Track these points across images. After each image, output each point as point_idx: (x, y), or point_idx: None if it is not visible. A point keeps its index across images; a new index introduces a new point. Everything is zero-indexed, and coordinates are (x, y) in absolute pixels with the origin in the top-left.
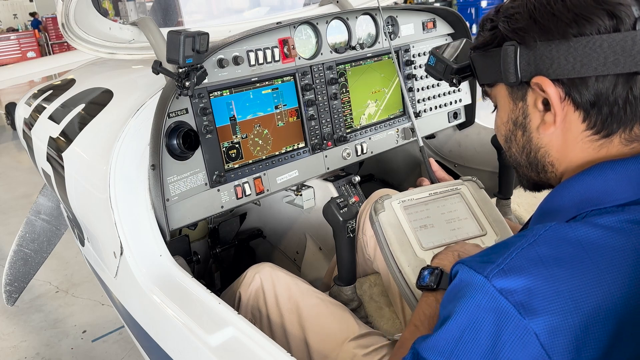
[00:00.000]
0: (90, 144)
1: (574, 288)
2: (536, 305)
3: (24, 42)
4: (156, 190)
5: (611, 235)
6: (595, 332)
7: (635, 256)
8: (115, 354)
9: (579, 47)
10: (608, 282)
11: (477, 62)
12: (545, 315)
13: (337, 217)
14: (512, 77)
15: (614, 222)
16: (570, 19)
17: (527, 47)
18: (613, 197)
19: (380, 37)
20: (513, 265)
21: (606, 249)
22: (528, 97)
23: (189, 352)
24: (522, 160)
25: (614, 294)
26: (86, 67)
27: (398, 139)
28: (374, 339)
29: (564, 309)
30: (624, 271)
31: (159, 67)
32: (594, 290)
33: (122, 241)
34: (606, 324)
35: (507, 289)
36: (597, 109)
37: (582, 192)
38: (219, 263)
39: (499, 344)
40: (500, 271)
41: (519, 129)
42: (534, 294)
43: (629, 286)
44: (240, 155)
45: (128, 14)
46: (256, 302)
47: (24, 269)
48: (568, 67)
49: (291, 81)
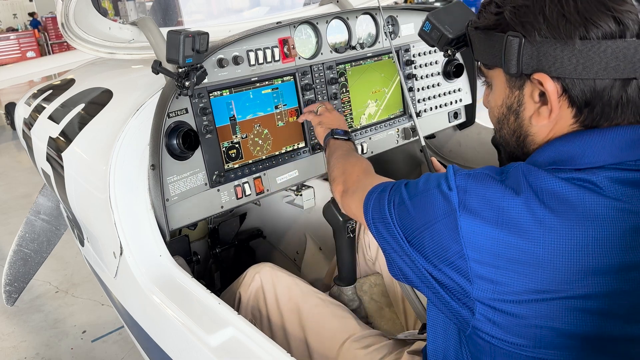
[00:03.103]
0: (89, 144)
1: (515, 211)
2: (475, 206)
3: (23, 42)
4: (156, 190)
5: (564, 184)
6: (515, 252)
7: (582, 208)
8: (115, 354)
9: (583, 50)
10: (549, 220)
11: (477, 41)
12: (476, 216)
13: (337, 217)
14: (513, 68)
15: (568, 178)
16: (579, 22)
17: (532, 41)
18: (575, 161)
19: (380, 36)
20: (478, 176)
21: (557, 194)
22: (525, 88)
23: (189, 352)
24: (512, 141)
25: (547, 232)
26: (86, 67)
27: (398, 139)
28: (374, 338)
29: (496, 220)
30: (568, 217)
31: (159, 67)
32: (531, 221)
33: (122, 241)
34: (530, 253)
35: (462, 187)
36: (590, 108)
37: (551, 155)
38: (219, 263)
39: (436, 221)
40: (466, 174)
41: (512, 115)
42: (480, 199)
43: (567, 231)
44: (240, 155)
45: (128, 13)
46: (256, 302)
47: (23, 269)
48: (570, 68)
49: (291, 81)
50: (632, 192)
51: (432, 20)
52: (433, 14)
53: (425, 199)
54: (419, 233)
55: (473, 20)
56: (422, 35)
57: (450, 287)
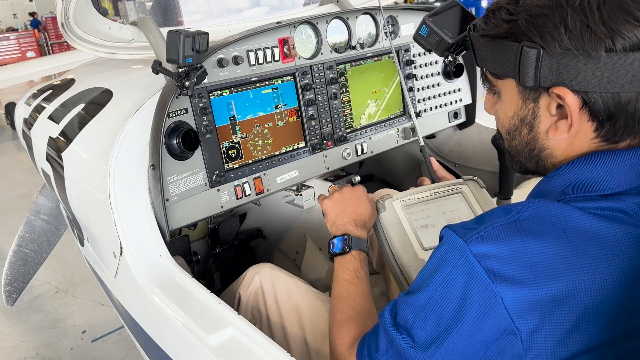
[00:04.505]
0: (89, 144)
1: (547, 261)
2: (506, 271)
3: (23, 42)
4: (156, 190)
5: (592, 219)
6: (561, 309)
7: (614, 244)
8: (115, 354)
9: (609, 63)
10: (582, 264)
11: (484, 49)
12: (513, 282)
13: None
14: (530, 82)
15: (595, 209)
16: (605, 34)
17: (551, 53)
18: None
19: (380, 36)
20: (492, 234)
21: (586, 232)
22: (541, 101)
23: (189, 352)
24: (524, 153)
25: (586, 277)
26: (86, 67)
27: (398, 138)
28: None
29: (533, 279)
30: (600, 257)
31: (159, 66)
32: (566, 268)
33: (122, 241)
34: (573, 304)
35: (481, 254)
36: (613, 121)
37: (571, 178)
38: (219, 263)
39: (467, 304)
40: (479, 237)
41: (525, 127)
42: (506, 261)
43: (602, 273)
44: (240, 155)
45: (128, 13)
46: (256, 302)
47: (23, 269)
48: (594, 82)
49: (291, 81)
50: None
51: (430, 24)
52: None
53: (437, 299)
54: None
55: (479, 26)
56: (418, 39)
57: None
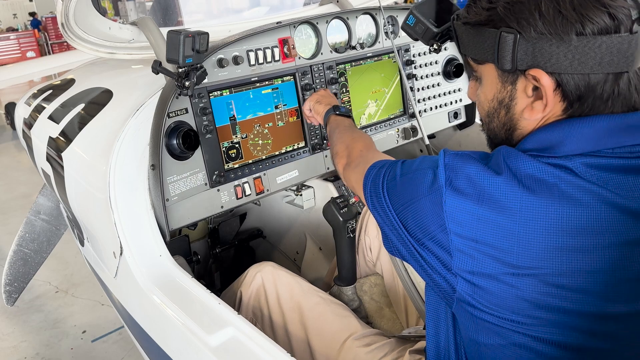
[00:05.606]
0: (89, 144)
1: (488, 185)
2: (458, 183)
3: (23, 41)
4: (156, 190)
5: (540, 167)
6: (491, 228)
7: (554, 193)
8: (115, 354)
9: (579, 46)
10: (521, 205)
11: (466, 36)
12: (459, 193)
13: (337, 217)
14: (508, 64)
15: (546, 162)
16: (575, 19)
17: (527, 38)
18: (555, 150)
19: (380, 36)
20: (464, 155)
21: (533, 176)
22: (518, 83)
23: (189, 352)
24: (501, 134)
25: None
26: (86, 67)
27: (398, 139)
28: (375, 337)
29: (472, 196)
30: (535, 199)
31: (159, 66)
32: (503, 194)
33: (122, 241)
34: (506, 230)
35: (449, 165)
36: (582, 101)
37: (533, 144)
38: (219, 263)
39: (425, 194)
40: (454, 154)
41: (503, 109)
42: (462, 176)
43: (539, 218)
44: (240, 155)
45: (128, 13)
46: (257, 301)
47: (23, 269)
48: (566, 64)
49: (291, 81)
50: (607, 176)
51: (416, 14)
52: (416, 7)
53: (416, 176)
54: (405, 208)
55: (461, 15)
56: (405, 29)
57: (433, 262)
